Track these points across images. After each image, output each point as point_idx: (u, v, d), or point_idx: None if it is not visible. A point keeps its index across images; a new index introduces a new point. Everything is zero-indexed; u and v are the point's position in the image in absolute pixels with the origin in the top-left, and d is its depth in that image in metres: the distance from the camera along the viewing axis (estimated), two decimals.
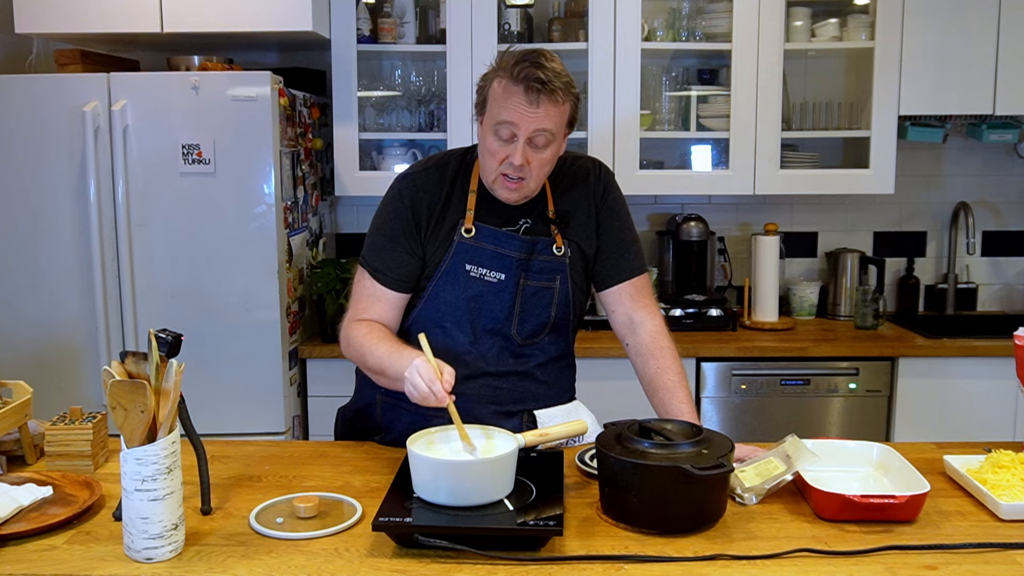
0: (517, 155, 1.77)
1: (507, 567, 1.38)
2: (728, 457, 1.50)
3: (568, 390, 2.07)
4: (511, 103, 1.75)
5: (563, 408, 2.02)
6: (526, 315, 1.91)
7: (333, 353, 3.11)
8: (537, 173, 1.82)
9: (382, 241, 1.91)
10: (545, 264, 1.91)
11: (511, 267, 1.89)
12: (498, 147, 1.79)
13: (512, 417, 1.93)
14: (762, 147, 3.27)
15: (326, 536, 1.49)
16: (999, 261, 3.73)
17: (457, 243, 1.88)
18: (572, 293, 1.94)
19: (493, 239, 1.88)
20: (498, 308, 1.89)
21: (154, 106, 2.82)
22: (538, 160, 1.80)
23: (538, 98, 1.74)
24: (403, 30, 3.29)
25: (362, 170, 3.31)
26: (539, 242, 1.90)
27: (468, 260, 1.88)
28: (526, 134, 1.76)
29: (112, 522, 1.54)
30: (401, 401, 1.78)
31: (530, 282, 1.90)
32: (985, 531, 1.51)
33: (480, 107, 1.84)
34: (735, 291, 3.63)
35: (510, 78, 1.75)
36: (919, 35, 3.21)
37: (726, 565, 1.39)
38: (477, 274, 1.88)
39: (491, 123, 1.79)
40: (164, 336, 1.44)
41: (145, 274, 2.88)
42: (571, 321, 1.98)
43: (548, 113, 1.75)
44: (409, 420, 1.88)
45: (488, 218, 1.90)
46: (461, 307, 1.89)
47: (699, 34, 3.33)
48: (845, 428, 3.16)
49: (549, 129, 1.77)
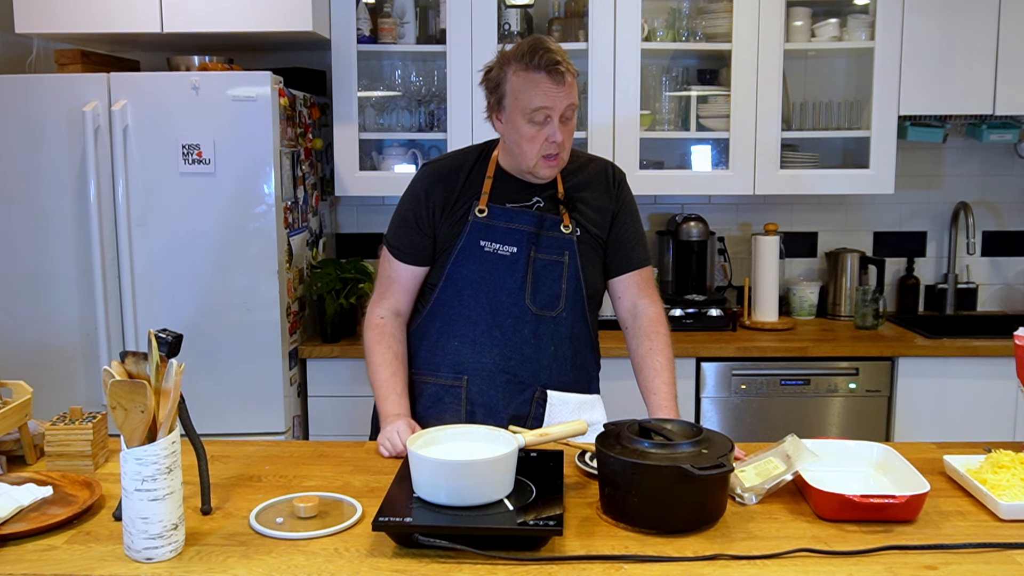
0: (557, 133, 1.94)
1: (507, 567, 1.38)
2: (728, 457, 1.50)
3: (587, 379, 2.15)
4: (541, 89, 1.91)
5: (578, 397, 2.09)
6: (539, 285, 2.04)
7: (333, 353, 3.11)
8: (568, 144, 2.01)
9: (399, 222, 2.12)
10: (553, 240, 2.04)
11: (522, 240, 2.03)
12: (535, 132, 1.95)
13: (524, 390, 2.03)
14: (762, 147, 3.27)
15: (326, 536, 1.49)
16: (999, 261, 3.73)
17: (472, 223, 2.04)
18: (583, 268, 2.06)
19: (505, 216, 2.04)
20: (511, 279, 2.03)
21: (154, 106, 2.82)
22: (568, 132, 1.98)
23: (562, 78, 1.91)
24: (403, 30, 3.29)
25: (362, 170, 3.31)
26: (547, 219, 2.05)
27: (482, 237, 2.04)
28: (559, 112, 1.93)
29: (112, 522, 1.54)
30: (436, 375, 2.07)
31: (540, 255, 2.04)
32: (985, 531, 1.51)
33: (497, 103, 1.99)
34: (735, 291, 3.63)
35: (529, 68, 1.91)
36: (919, 35, 3.21)
37: (726, 565, 1.39)
38: (491, 249, 2.03)
39: (524, 112, 1.93)
40: (164, 336, 1.44)
41: (145, 274, 2.88)
42: (584, 297, 2.07)
43: (570, 89, 1.94)
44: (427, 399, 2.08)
45: (501, 199, 2.06)
46: (477, 281, 2.03)
47: (699, 34, 3.33)
48: (845, 428, 3.16)
49: (575, 102, 1.96)
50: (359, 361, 2.22)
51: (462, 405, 2.05)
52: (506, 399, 2.03)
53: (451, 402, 2.06)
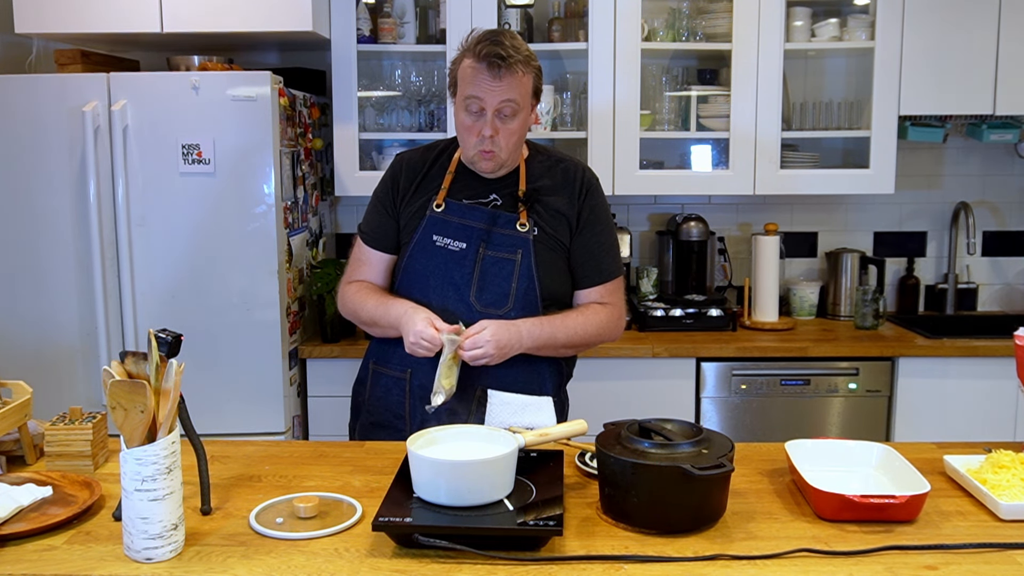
0: (487, 126, 1.96)
1: (507, 567, 1.38)
2: (728, 457, 1.50)
3: (538, 380, 2.08)
4: (477, 79, 1.94)
5: (522, 398, 2.04)
6: (485, 283, 2.03)
7: (333, 353, 3.11)
8: (506, 143, 2.00)
9: (371, 207, 2.19)
10: (506, 238, 2.04)
11: (472, 237, 2.04)
12: (471, 122, 1.99)
13: (465, 388, 1.99)
14: (762, 147, 3.27)
15: (326, 536, 1.49)
16: (999, 261, 3.73)
17: (428, 217, 2.07)
18: (537, 268, 2.04)
19: (459, 212, 2.06)
20: (458, 275, 2.03)
21: (154, 106, 2.82)
22: (506, 130, 1.98)
23: (500, 72, 1.93)
24: (403, 30, 3.29)
25: (362, 170, 3.31)
26: (501, 216, 2.05)
27: (436, 232, 2.06)
28: (493, 106, 1.95)
29: (112, 522, 1.54)
30: (387, 367, 2.11)
31: (490, 252, 2.04)
32: (985, 531, 1.51)
33: (452, 88, 2.04)
34: (735, 291, 3.63)
35: (474, 57, 1.95)
36: (919, 35, 3.21)
37: (726, 565, 1.39)
38: (442, 243, 2.06)
39: (460, 100, 1.99)
40: (164, 336, 1.44)
41: (145, 274, 2.88)
42: (538, 297, 2.03)
43: (510, 85, 1.94)
44: (390, 385, 2.11)
45: (460, 195, 2.08)
46: (428, 275, 2.06)
47: (699, 34, 3.33)
48: (845, 428, 3.16)
49: (513, 100, 1.95)
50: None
51: (406, 397, 2.07)
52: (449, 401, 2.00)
53: (397, 393, 2.09)
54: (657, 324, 3.31)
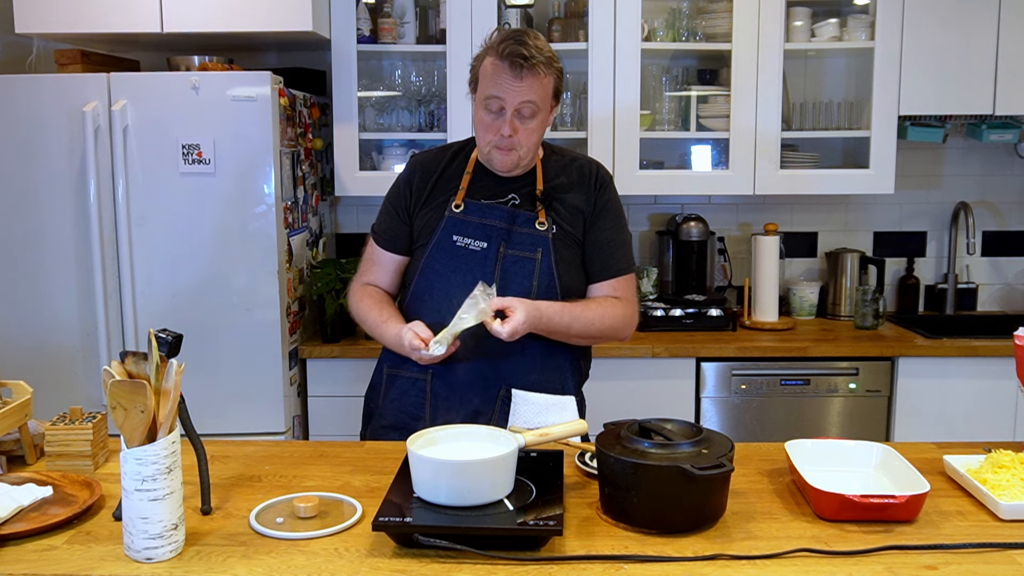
0: (506, 126, 1.96)
1: (507, 567, 1.38)
2: (728, 457, 1.50)
3: (560, 379, 2.10)
4: (498, 78, 1.94)
5: (546, 398, 2.05)
6: (507, 282, 2.02)
7: (333, 353, 3.11)
8: (526, 142, 2.00)
9: (383, 210, 2.19)
10: (526, 236, 2.04)
11: (493, 236, 2.04)
12: (490, 120, 1.98)
13: (489, 388, 2.02)
14: (762, 147, 3.27)
15: (326, 536, 1.49)
16: (999, 261, 3.73)
17: (447, 218, 2.06)
18: (557, 267, 2.04)
19: (479, 212, 2.06)
20: (480, 274, 2.01)
21: (154, 106, 2.82)
22: (525, 130, 1.98)
23: (521, 72, 1.92)
24: (403, 30, 3.29)
25: (362, 170, 3.31)
26: (520, 215, 2.05)
27: (456, 232, 2.06)
28: (513, 106, 1.95)
29: (112, 522, 1.54)
30: (403, 368, 2.09)
31: (511, 251, 2.04)
32: (985, 531, 1.51)
33: (473, 85, 2.04)
34: (735, 291, 3.63)
35: (496, 56, 1.95)
36: (919, 35, 3.21)
37: (726, 565, 1.39)
38: (463, 244, 2.05)
39: (481, 99, 1.99)
40: (164, 336, 1.44)
41: (145, 274, 2.88)
42: (559, 295, 2.04)
43: (532, 86, 1.94)
44: (404, 388, 2.10)
45: (478, 195, 2.08)
46: (449, 276, 2.04)
47: (699, 34, 3.33)
48: (845, 428, 3.16)
49: (534, 100, 1.95)
50: (359, 361, 2.23)
51: (426, 399, 2.06)
52: (469, 396, 2.02)
53: (416, 396, 2.07)
54: (657, 324, 3.31)
